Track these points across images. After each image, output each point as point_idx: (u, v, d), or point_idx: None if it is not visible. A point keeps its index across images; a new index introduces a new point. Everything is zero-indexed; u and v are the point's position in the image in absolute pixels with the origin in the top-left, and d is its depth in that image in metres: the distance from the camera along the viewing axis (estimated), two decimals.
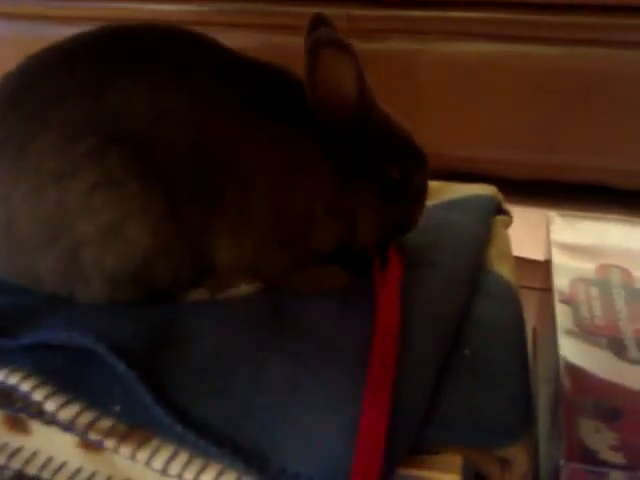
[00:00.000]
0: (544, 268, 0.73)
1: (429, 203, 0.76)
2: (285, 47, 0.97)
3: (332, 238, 0.60)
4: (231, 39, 0.60)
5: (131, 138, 0.54)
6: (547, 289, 0.67)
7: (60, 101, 0.54)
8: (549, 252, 0.71)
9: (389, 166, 0.61)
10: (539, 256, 0.77)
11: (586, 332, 0.56)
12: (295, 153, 0.58)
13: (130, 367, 0.47)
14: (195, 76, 0.56)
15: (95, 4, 1.55)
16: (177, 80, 0.56)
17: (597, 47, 1.31)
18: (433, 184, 0.81)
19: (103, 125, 0.54)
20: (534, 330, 0.77)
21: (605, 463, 0.43)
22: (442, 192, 0.81)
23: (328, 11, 0.61)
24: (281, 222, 0.58)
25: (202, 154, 0.55)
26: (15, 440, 0.49)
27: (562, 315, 0.59)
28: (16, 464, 0.49)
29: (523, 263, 0.81)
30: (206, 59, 0.58)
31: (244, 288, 0.59)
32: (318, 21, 0.60)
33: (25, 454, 0.49)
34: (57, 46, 0.58)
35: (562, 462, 0.44)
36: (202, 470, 0.44)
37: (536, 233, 0.81)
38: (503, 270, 0.67)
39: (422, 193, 0.65)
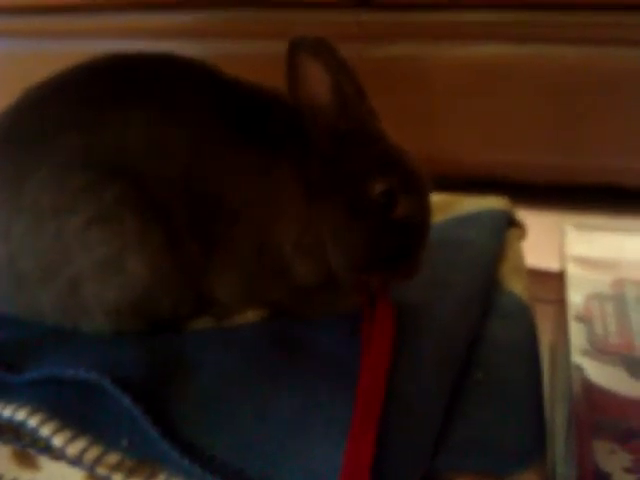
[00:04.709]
0: (560, 280, 0.72)
1: (441, 218, 0.75)
2: None
3: (311, 271, 0.57)
4: (240, 48, 0.60)
5: (127, 172, 0.53)
6: (563, 301, 0.66)
7: (55, 136, 0.54)
8: (564, 266, 0.70)
9: (366, 182, 0.54)
10: (556, 264, 0.76)
11: (600, 351, 0.56)
12: (270, 185, 0.56)
13: (136, 401, 0.47)
14: (188, 109, 0.56)
15: (92, 18, 1.56)
16: (171, 113, 0.55)
17: (614, 47, 1.29)
18: (443, 198, 0.80)
19: (98, 160, 0.53)
20: (552, 345, 0.75)
21: None
22: (453, 206, 0.80)
23: (337, 17, 0.59)
24: (261, 256, 0.57)
25: (195, 188, 0.55)
26: (24, 475, 0.49)
27: (576, 333, 0.58)
28: None
29: (539, 275, 0.80)
30: (200, 90, 0.57)
31: (250, 315, 0.59)
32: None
33: None
34: (52, 80, 0.58)
35: None
36: None
37: (553, 239, 0.80)
38: (517, 288, 0.66)
39: (418, 226, 0.56)
